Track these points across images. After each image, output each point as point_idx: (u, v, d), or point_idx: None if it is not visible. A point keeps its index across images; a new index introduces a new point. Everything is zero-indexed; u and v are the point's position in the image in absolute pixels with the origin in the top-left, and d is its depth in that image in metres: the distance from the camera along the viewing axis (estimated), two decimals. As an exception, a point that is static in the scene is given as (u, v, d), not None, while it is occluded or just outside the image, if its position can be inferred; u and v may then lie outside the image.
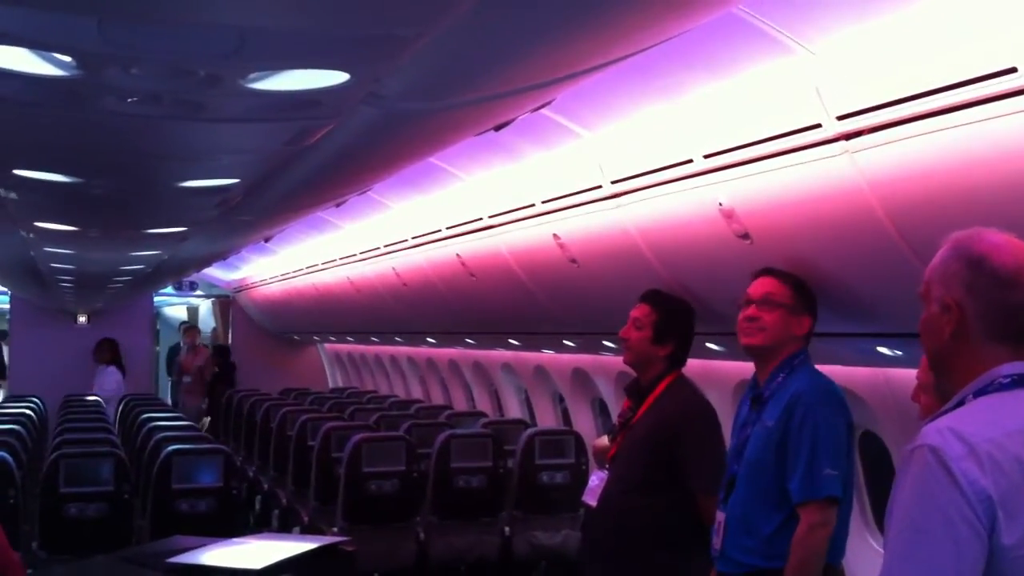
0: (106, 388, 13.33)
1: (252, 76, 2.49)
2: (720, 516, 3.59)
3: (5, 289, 15.43)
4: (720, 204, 4.11)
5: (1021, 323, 2.04)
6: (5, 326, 16.63)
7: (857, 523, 5.16)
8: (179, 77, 2.50)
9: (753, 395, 3.69)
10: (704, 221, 4.27)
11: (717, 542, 3.59)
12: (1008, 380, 2.00)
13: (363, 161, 4.26)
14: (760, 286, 3.78)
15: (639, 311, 4.32)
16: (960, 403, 2.02)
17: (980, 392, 2.01)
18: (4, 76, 2.52)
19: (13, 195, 4.77)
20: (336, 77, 2.49)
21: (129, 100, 2.70)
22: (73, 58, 2.36)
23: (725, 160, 3.96)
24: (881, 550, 5.37)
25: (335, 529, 6.89)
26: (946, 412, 2.02)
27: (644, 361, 4.28)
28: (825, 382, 3.63)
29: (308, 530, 7.39)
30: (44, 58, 2.39)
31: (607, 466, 4.31)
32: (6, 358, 16.50)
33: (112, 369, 13.81)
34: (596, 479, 4.32)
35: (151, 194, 4.65)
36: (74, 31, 2.17)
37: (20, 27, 2.23)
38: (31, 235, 6.48)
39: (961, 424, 1.94)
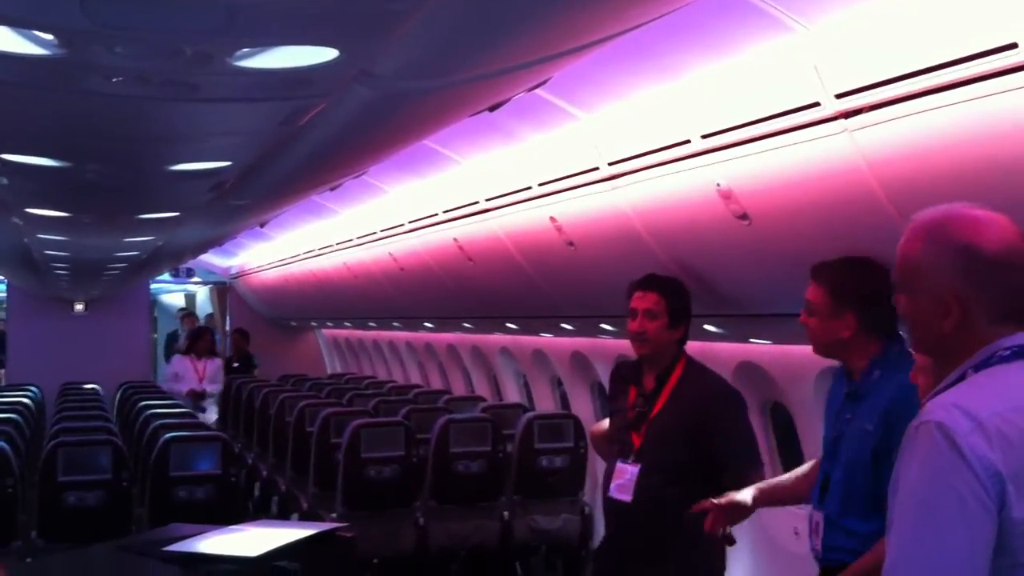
0: (217, 380, 11.75)
1: (240, 54, 2.45)
2: (817, 516, 3.51)
3: (1, 278, 15.41)
4: (718, 185, 4.06)
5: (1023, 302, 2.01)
6: (2, 315, 16.61)
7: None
8: (166, 56, 2.45)
9: (848, 390, 3.54)
10: (702, 202, 4.23)
11: (817, 543, 3.50)
12: (1008, 352, 1.97)
13: (357, 143, 4.22)
14: (809, 292, 3.59)
15: (648, 300, 4.18)
16: (961, 378, 1.99)
17: (981, 366, 1.97)
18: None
19: (3, 180, 4.73)
20: (326, 54, 2.44)
21: (114, 80, 2.66)
22: (55, 36, 2.31)
23: (723, 140, 3.91)
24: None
25: (334, 515, 6.86)
26: (947, 387, 1.99)
27: (662, 350, 4.20)
28: (914, 392, 3.51)
29: (307, 517, 7.36)
30: (26, 36, 2.34)
31: (632, 459, 4.17)
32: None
33: (217, 361, 12.23)
34: (628, 473, 4.17)
35: (143, 178, 4.60)
36: (56, 7, 2.13)
37: (2, 5, 2.19)
38: (23, 222, 6.45)
39: (966, 399, 1.90)
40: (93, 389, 12.40)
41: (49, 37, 2.35)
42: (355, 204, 8.45)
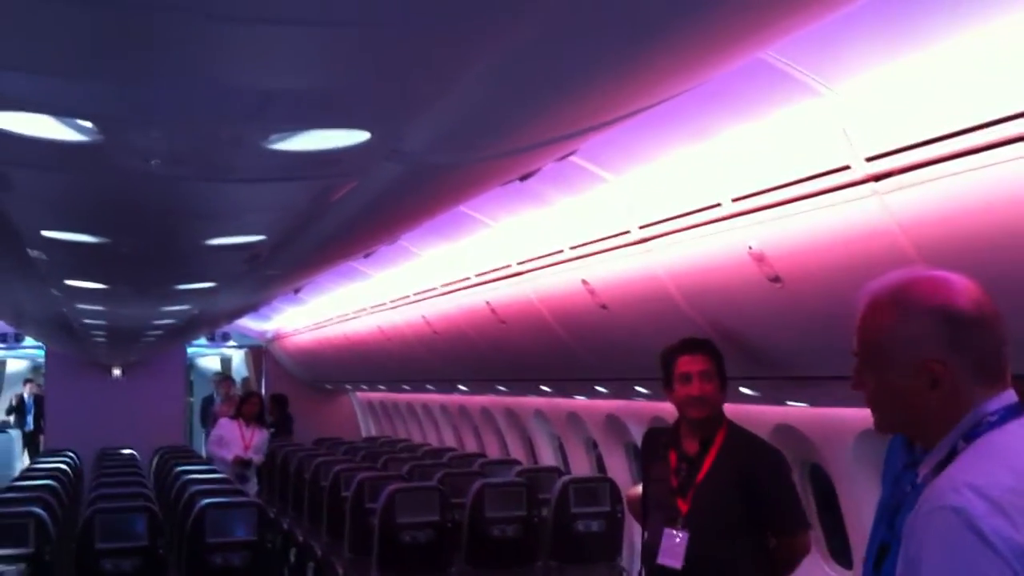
0: (262, 451, 10.82)
1: (273, 137, 2.49)
2: None
3: (41, 343, 15.59)
4: (750, 248, 4.05)
5: (1003, 359, 1.93)
6: (41, 379, 16.76)
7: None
8: (201, 139, 2.49)
9: (909, 460, 3.49)
10: (735, 264, 4.22)
11: None
12: (996, 417, 1.89)
13: (389, 214, 4.26)
14: None
15: (700, 363, 4.15)
16: (953, 451, 1.92)
17: (970, 435, 1.90)
18: (27, 142, 2.53)
19: (42, 255, 4.80)
20: (357, 136, 2.47)
21: (151, 162, 2.70)
22: (94, 123, 2.36)
23: (754, 203, 3.92)
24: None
25: (371, 581, 6.82)
26: (940, 463, 1.93)
27: (717, 412, 4.18)
28: None
29: (341, 584, 7.33)
30: (66, 123, 2.39)
31: (680, 525, 4.13)
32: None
33: (265, 432, 11.23)
34: (677, 539, 4.13)
35: (179, 252, 4.66)
36: (95, 97, 2.18)
37: (41, 94, 2.24)
38: (62, 293, 6.53)
39: (973, 477, 1.82)
40: (130, 455, 12.46)
41: (88, 124, 2.40)
42: (388, 268, 8.50)
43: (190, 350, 17.29)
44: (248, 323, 15.62)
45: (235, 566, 6.85)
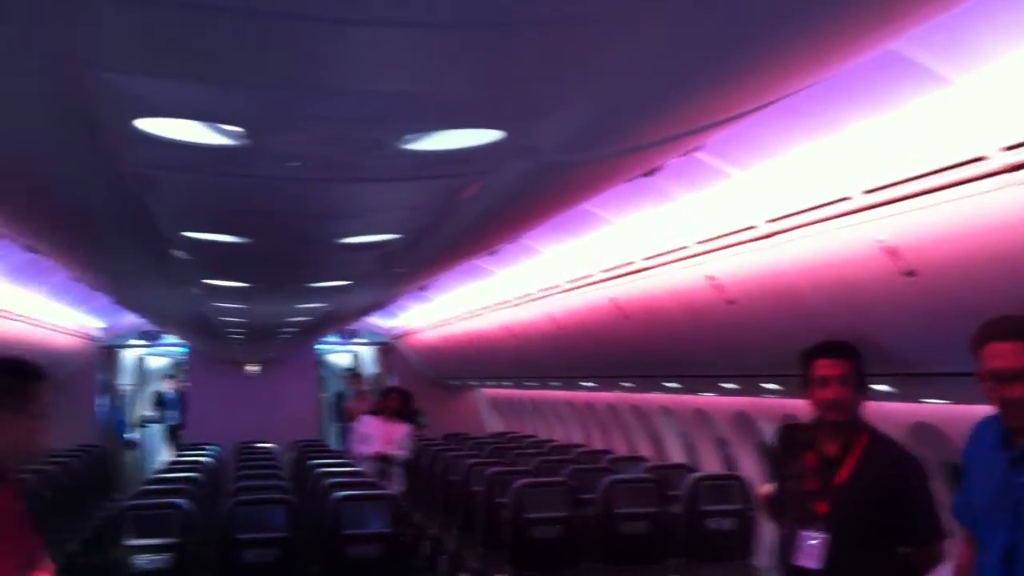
0: (405, 447, 10.32)
1: (408, 138, 2.57)
2: None
3: (184, 341, 16.21)
4: (881, 241, 3.99)
5: None
6: (180, 376, 17.41)
7: None
8: (339, 142, 2.60)
9: (1013, 456, 3.39)
10: (865, 258, 4.16)
11: None
12: None
13: (516, 212, 4.32)
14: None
15: (838, 367, 4.08)
16: None
17: None
18: (174, 147, 2.67)
19: (183, 255, 5.02)
20: (491, 135, 2.54)
21: (292, 165, 2.82)
22: (242, 128, 2.48)
23: (886, 196, 3.85)
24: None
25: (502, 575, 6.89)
26: None
27: (854, 416, 4.11)
28: None
29: (474, 575, 7.42)
30: (214, 129, 2.52)
31: (817, 527, 4.08)
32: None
33: (407, 427, 10.75)
34: (814, 541, 4.08)
35: (314, 251, 4.81)
36: (242, 103, 2.29)
37: (191, 100, 2.37)
38: (202, 292, 6.79)
39: None
40: (268, 448, 12.81)
41: (236, 129, 2.52)
42: (512, 265, 8.59)
43: (320, 347, 17.72)
44: (376, 320, 15.95)
45: (370, 558, 6.98)
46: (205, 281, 6.17)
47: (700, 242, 5.49)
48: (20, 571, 2.56)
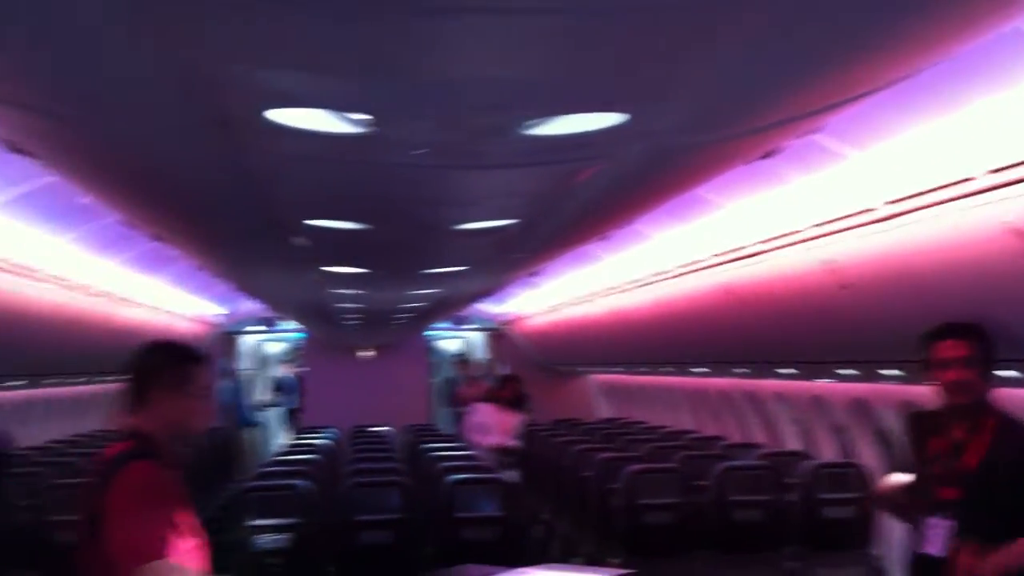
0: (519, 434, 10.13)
1: (529, 123, 2.61)
2: None
3: (298, 327, 16.61)
4: (1007, 222, 3.89)
5: None
6: (297, 361, 17.83)
7: None
8: (461, 129, 2.65)
9: None
10: (990, 240, 4.05)
11: None
12: None
13: (633, 196, 4.34)
14: None
15: (962, 349, 3.97)
16: None
17: None
18: (299, 136, 2.76)
19: (304, 242, 5.16)
20: (613, 119, 2.56)
21: (415, 152, 2.89)
22: (370, 116, 2.56)
23: (1011, 176, 3.75)
24: None
25: (616, 561, 6.90)
26: None
27: (979, 400, 4.00)
28: None
29: (588, 561, 7.45)
30: (341, 118, 2.60)
31: (944, 514, 4.00)
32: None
33: (523, 416, 10.50)
34: (941, 528, 4.00)
35: (432, 237, 4.90)
36: (368, 92, 2.36)
37: (320, 91, 2.45)
38: (321, 278, 6.96)
39: None
40: (382, 432, 13.04)
41: (362, 117, 2.60)
42: (620, 250, 8.58)
43: (431, 333, 17.96)
44: (486, 306, 16.09)
45: (483, 540, 7.06)
46: (324, 268, 6.32)
47: (816, 225, 5.42)
48: (177, 540, 2.70)
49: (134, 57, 2.37)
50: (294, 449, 10.68)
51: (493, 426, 10.14)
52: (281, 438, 16.14)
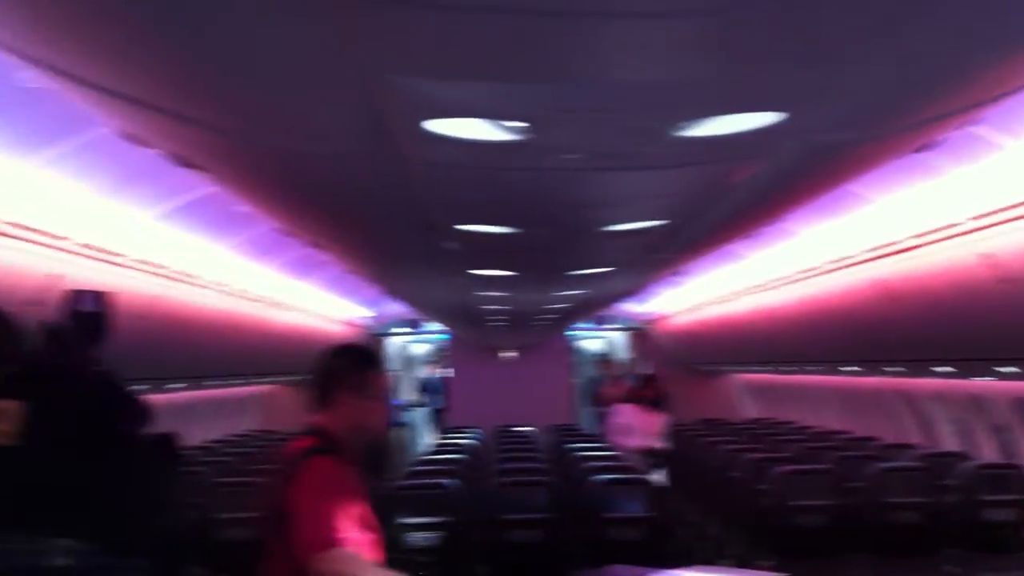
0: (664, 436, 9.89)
1: (684, 124, 2.62)
2: None
3: (441, 328, 16.88)
4: None
5: None
6: (441, 362, 18.11)
7: None
8: (616, 132, 2.68)
9: None
10: None
11: None
12: None
13: (785, 194, 4.28)
14: None
15: None
16: None
17: None
18: (460, 144, 2.83)
19: (454, 246, 5.26)
20: (770, 118, 2.55)
21: (570, 156, 2.93)
22: (526, 123, 2.61)
23: None
24: None
25: (767, 563, 6.81)
26: None
27: None
28: None
29: (738, 563, 7.37)
30: (498, 126, 2.66)
31: None
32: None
33: (666, 417, 10.20)
34: None
35: (580, 239, 4.93)
36: (525, 99, 2.41)
37: (478, 100, 2.51)
38: (467, 281, 7.06)
39: None
40: (526, 432, 13.14)
41: (520, 124, 2.65)
42: (766, 248, 8.45)
43: (572, 333, 17.99)
44: (627, 306, 16.04)
45: (630, 540, 7.06)
46: (471, 271, 6.42)
47: (973, 218, 5.25)
48: (356, 532, 2.83)
49: (299, 72, 2.47)
50: (441, 449, 10.85)
51: (636, 427, 10.05)
52: (427, 438, 16.42)
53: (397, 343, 19.08)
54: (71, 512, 1.44)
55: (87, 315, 1.89)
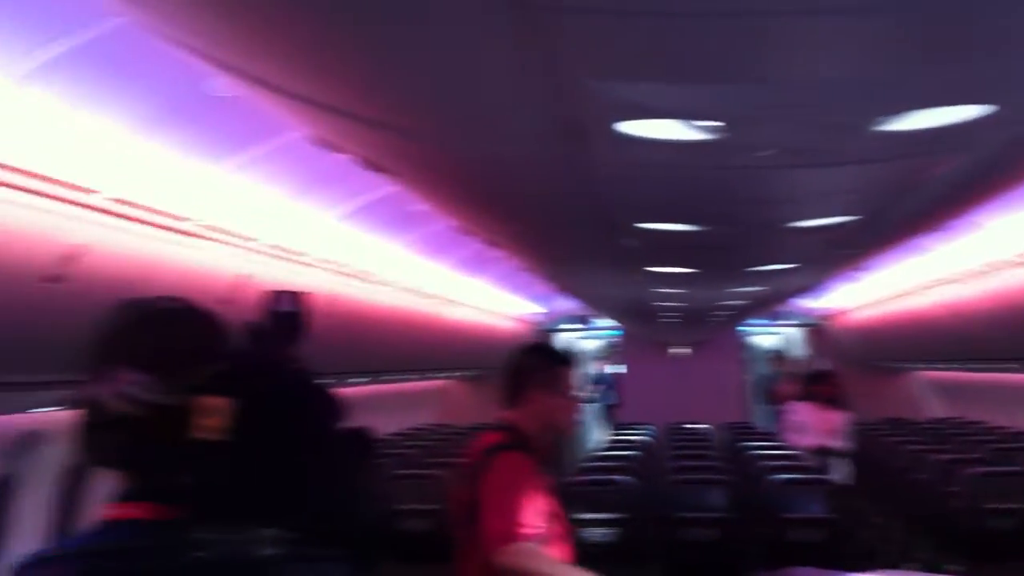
0: (843, 437, 9.16)
1: (883, 119, 2.53)
2: None
3: (612, 324, 16.87)
4: None
5: None
6: (610, 358, 18.09)
7: None
8: (811, 129, 2.60)
9: None
10: None
11: None
12: None
13: (985, 185, 4.08)
14: None
15: None
16: None
17: None
18: (653, 145, 2.80)
19: (634, 243, 5.23)
20: (978, 110, 2.43)
21: (762, 154, 2.87)
22: (721, 122, 2.56)
23: None
24: None
25: (957, 568, 6.56)
26: None
27: None
28: None
29: (925, 567, 7.11)
30: (692, 126, 2.62)
31: None
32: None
33: (844, 414, 9.46)
34: None
35: (765, 236, 4.84)
36: (721, 98, 2.37)
37: (671, 101, 2.48)
38: (644, 278, 7.03)
39: None
40: (699, 429, 12.99)
41: (714, 123, 2.61)
42: (951, 240, 8.08)
43: (744, 328, 17.68)
44: (801, 301, 15.64)
45: (810, 542, 6.91)
46: (649, 268, 6.39)
47: None
48: (545, 527, 2.87)
49: (494, 77, 2.50)
50: (613, 445, 10.84)
51: (811, 425, 9.74)
52: (597, 434, 16.43)
53: (567, 339, 19.16)
54: (275, 503, 1.49)
55: (285, 315, 1.97)
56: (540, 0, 1.91)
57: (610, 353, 18.23)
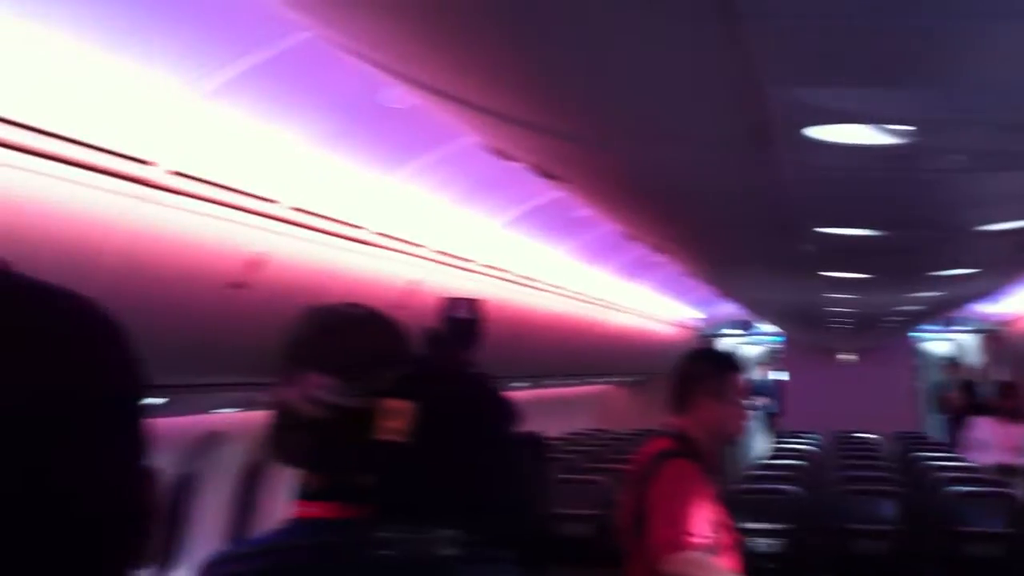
0: None
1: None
2: None
3: (774, 330, 16.53)
4: None
5: None
6: (772, 364, 17.73)
7: None
8: (1005, 132, 2.50)
9: None
10: None
11: None
12: None
13: None
14: None
15: None
16: None
17: None
18: (841, 150, 2.74)
19: (810, 248, 5.13)
20: None
21: (954, 158, 2.77)
22: (912, 127, 2.49)
23: None
24: None
25: None
26: None
27: None
28: None
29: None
30: (883, 131, 2.56)
31: None
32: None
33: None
34: None
35: (947, 241, 4.69)
36: (910, 104, 2.30)
37: (861, 106, 2.42)
38: (816, 283, 6.88)
39: None
40: (868, 439, 12.62)
41: (906, 128, 2.54)
42: None
43: (916, 335, 17.06)
44: (978, 305, 14.98)
45: (988, 558, 6.64)
46: (823, 273, 6.26)
47: None
48: (713, 536, 2.84)
49: (687, 81, 2.48)
50: (778, 453, 10.63)
51: (993, 441, 9.27)
52: (760, 442, 16.14)
53: (728, 345, 18.87)
54: (453, 504, 1.52)
55: (462, 321, 2.01)
56: (744, 8, 1.89)
57: (772, 359, 17.87)
